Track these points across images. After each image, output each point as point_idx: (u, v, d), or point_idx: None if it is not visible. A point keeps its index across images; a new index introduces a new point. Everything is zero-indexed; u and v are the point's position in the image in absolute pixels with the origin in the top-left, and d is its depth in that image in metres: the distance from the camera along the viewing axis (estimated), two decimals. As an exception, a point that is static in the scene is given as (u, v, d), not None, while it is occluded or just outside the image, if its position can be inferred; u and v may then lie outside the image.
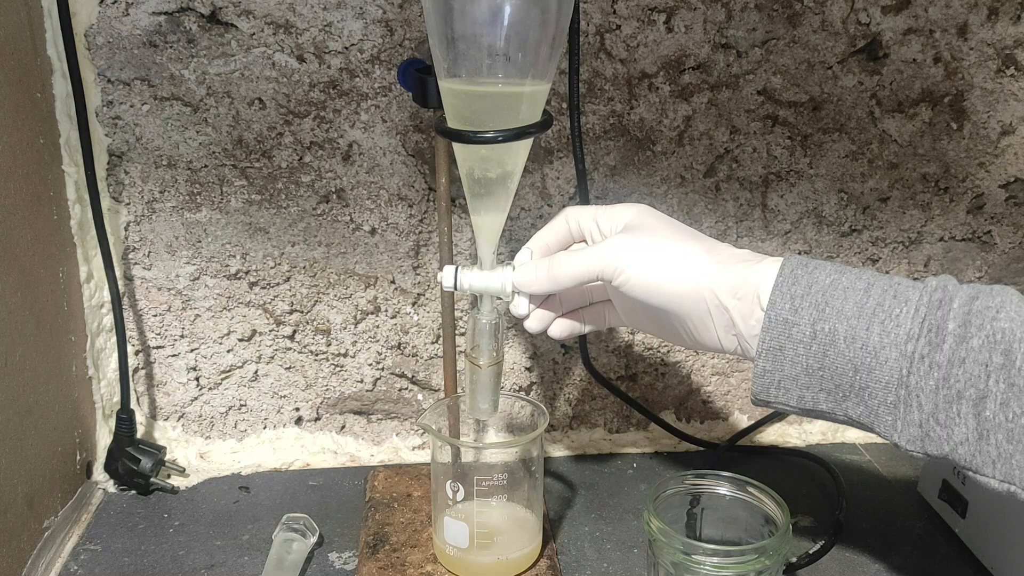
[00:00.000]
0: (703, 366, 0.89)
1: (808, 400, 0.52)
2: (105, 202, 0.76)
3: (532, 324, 0.63)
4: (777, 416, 0.91)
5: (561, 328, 0.64)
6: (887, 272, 0.87)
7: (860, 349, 0.49)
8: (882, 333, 0.49)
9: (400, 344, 0.84)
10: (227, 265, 0.80)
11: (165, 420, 0.85)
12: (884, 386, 0.49)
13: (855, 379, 0.50)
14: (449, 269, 0.62)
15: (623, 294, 0.56)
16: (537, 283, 0.59)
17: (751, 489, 0.65)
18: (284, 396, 0.85)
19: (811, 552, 0.72)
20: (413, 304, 0.83)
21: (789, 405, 0.53)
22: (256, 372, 0.84)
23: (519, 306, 0.61)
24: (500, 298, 0.63)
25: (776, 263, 0.53)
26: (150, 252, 0.79)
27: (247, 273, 0.81)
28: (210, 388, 0.84)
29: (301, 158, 0.78)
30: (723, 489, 0.66)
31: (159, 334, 0.82)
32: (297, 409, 0.86)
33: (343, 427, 0.87)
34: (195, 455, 0.84)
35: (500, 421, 0.84)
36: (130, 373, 0.80)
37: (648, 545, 0.62)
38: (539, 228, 0.63)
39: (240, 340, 0.83)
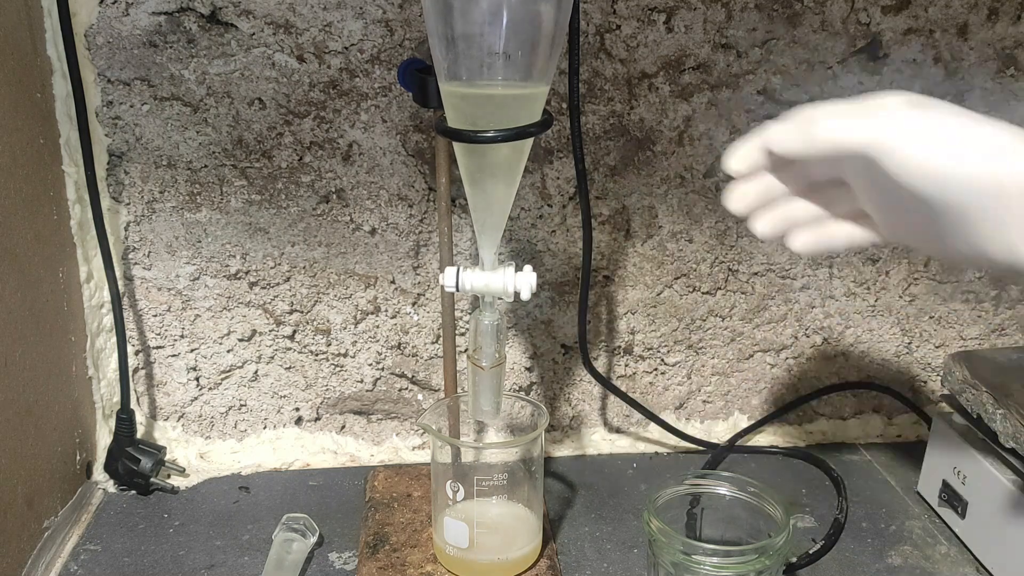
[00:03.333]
0: (703, 366, 0.89)
1: None
2: (105, 202, 0.76)
3: (763, 227, 0.51)
4: (777, 416, 0.91)
5: (805, 240, 0.51)
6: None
7: None
8: None
9: (400, 344, 0.84)
10: (227, 265, 0.80)
11: (165, 420, 0.85)
12: None
13: None
14: (451, 270, 0.62)
15: (890, 179, 0.45)
16: (789, 141, 0.48)
17: (751, 489, 0.65)
18: (284, 396, 0.85)
19: (811, 552, 0.72)
20: (413, 304, 0.83)
21: None
22: (256, 372, 0.84)
23: (736, 157, 0.50)
24: (501, 298, 0.63)
25: None
26: (150, 252, 0.79)
27: (247, 273, 0.81)
28: (210, 388, 0.84)
29: (301, 158, 0.78)
30: (723, 489, 0.66)
31: (159, 334, 0.82)
32: (297, 409, 0.86)
33: (343, 427, 0.87)
34: (195, 455, 0.84)
35: (500, 421, 0.84)
36: (130, 373, 0.80)
37: (648, 545, 0.62)
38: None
39: (240, 340, 0.83)
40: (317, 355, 0.84)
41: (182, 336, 0.82)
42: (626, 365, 0.88)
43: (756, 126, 0.48)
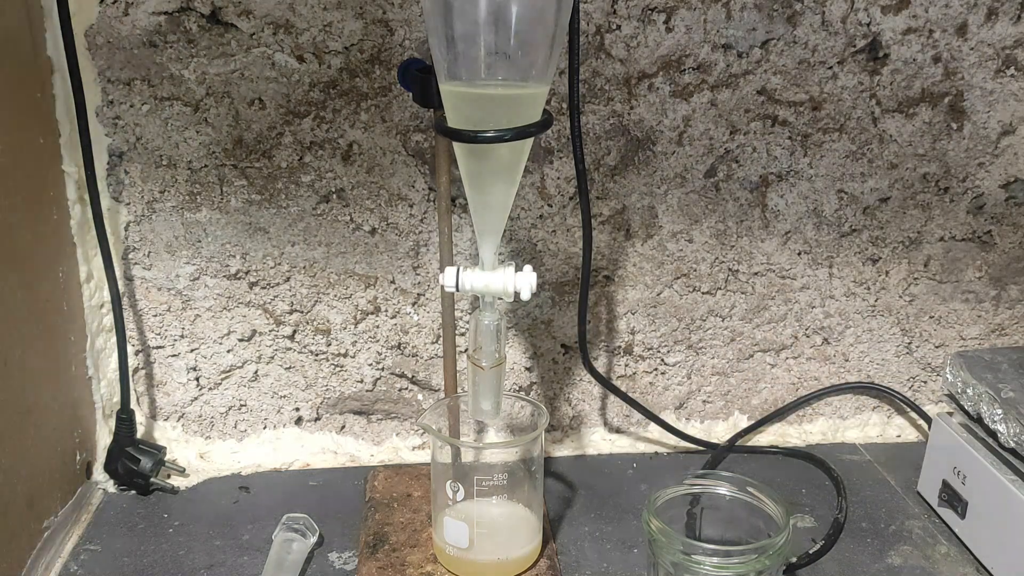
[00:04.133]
0: (703, 366, 0.89)
1: None
2: (105, 202, 0.76)
3: None
4: (777, 416, 0.91)
5: None
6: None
7: None
8: None
9: (400, 344, 0.84)
10: (227, 265, 0.80)
11: (165, 420, 0.85)
12: None
13: None
14: (451, 270, 0.62)
15: None
16: None
17: (751, 489, 0.65)
18: (284, 396, 0.85)
19: (811, 552, 0.72)
20: (413, 304, 0.83)
21: None
22: (256, 372, 0.84)
23: None
24: (502, 298, 0.63)
25: None
26: (150, 252, 0.79)
27: (247, 273, 0.81)
28: (210, 388, 0.84)
29: (301, 158, 0.78)
30: (723, 489, 0.66)
31: (159, 334, 0.82)
32: (297, 409, 0.86)
33: (343, 427, 0.87)
34: (195, 455, 0.84)
35: (500, 421, 0.84)
36: (130, 373, 0.80)
37: (648, 545, 0.62)
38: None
39: (240, 340, 0.83)
40: (317, 355, 0.84)
41: (182, 336, 0.82)
42: (626, 365, 0.88)
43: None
